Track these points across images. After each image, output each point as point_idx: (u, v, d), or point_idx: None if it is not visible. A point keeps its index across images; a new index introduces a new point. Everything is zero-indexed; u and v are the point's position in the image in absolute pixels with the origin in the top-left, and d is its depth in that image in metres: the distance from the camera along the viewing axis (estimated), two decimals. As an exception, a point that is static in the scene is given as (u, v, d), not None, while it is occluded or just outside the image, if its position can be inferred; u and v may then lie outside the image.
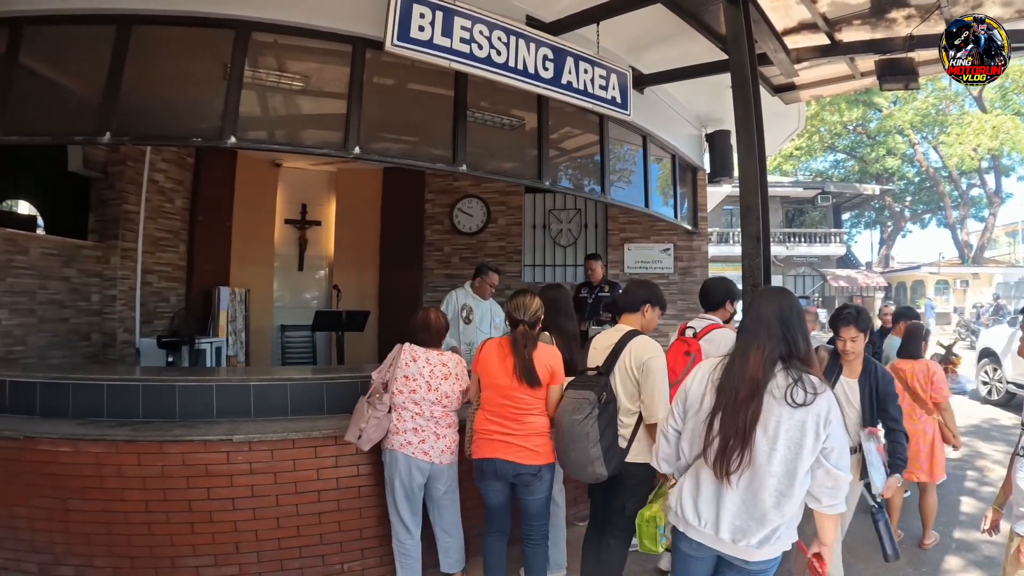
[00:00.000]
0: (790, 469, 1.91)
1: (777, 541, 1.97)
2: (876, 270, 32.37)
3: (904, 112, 28.36)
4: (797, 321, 2.03)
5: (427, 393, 3.25)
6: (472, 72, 3.72)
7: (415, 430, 3.24)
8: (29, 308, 4.87)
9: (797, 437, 1.91)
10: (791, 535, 2.01)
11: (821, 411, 1.92)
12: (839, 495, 1.96)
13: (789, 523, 1.98)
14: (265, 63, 3.86)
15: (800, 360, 1.99)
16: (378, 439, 3.28)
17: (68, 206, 5.71)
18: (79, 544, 3.22)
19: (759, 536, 1.94)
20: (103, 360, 5.53)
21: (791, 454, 1.91)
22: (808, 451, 1.91)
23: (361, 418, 3.25)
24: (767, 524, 1.94)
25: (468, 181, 7.92)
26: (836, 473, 1.93)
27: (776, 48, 4.88)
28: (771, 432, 1.93)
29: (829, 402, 1.94)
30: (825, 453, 1.93)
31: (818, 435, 1.92)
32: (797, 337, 2.00)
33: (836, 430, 1.94)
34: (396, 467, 3.24)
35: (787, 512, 1.94)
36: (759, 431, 1.93)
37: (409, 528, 3.33)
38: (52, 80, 3.74)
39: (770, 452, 1.92)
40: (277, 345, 7.86)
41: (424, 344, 3.38)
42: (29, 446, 3.23)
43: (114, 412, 3.58)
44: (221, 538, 3.29)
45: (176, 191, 6.42)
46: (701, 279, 7.50)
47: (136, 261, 5.82)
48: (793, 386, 1.93)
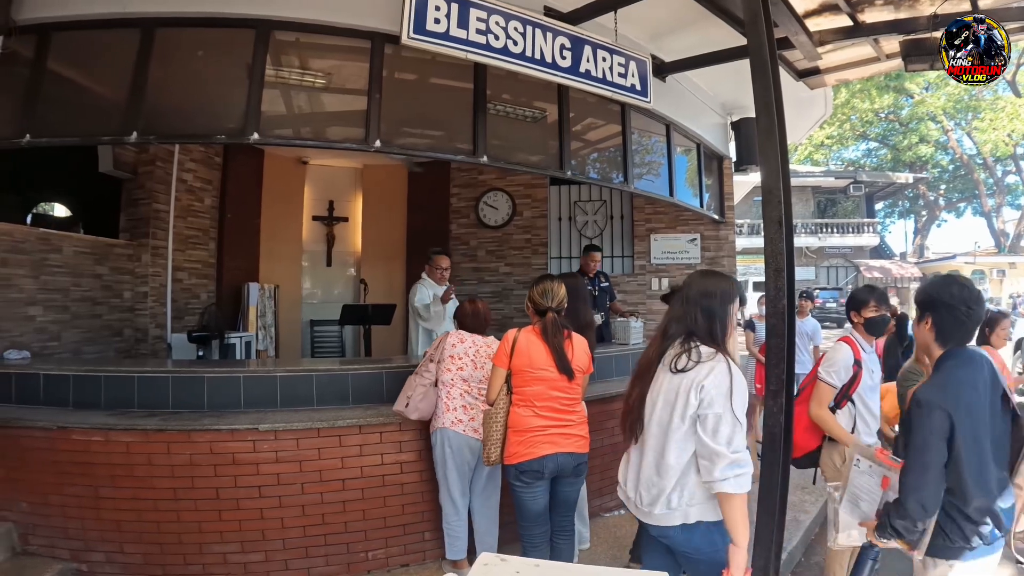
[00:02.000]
0: (663, 431, 2.02)
1: (670, 509, 2.01)
2: (910, 260, 31.52)
3: (936, 98, 27.48)
4: (705, 301, 2.09)
5: (474, 371, 3.42)
6: (489, 63, 3.71)
7: (464, 407, 3.39)
8: (63, 305, 5.02)
9: (671, 400, 2.01)
10: (690, 508, 2.00)
11: (699, 376, 1.97)
12: (716, 471, 1.90)
13: (680, 491, 2.00)
14: (286, 60, 3.91)
15: (701, 337, 2.06)
16: (426, 411, 3.42)
17: (100, 206, 5.86)
18: (110, 531, 3.32)
19: (648, 498, 2.05)
20: (135, 355, 5.68)
21: (665, 416, 2.02)
22: (678, 414, 1.98)
23: (409, 387, 3.45)
24: (652, 487, 2.03)
25: (493, 174, 7.93)
26: (710, 444, 1.91)
27: (797, 31, 4.77)
28: (654, 397, 2.08)
29: (711, 369, 1.97)
30: (701, 420, 1.94)
31: (689, 399, 1.96)
32: (697, 315, 2.07)
33: (713, 397, 1.93)
34: (448, 445, 3.37)
35: (666, 476, 2.00)
36: (648, 400, 2.10)
37: (458, 508, 3.46)
38: (79, 83, 3.84)
39: (650, 416, 2.07)
40: (307, 339, 7.99)
41: (472, 330, 3.55)
42: (62, 436, 3.34)
43: (144, 403, 3.69)
44: (247, 525, 3.37)
45: (205, 190, 6.55)
46: (729, 269, 7.44)
47: (167, 259, 5.96)
48: (679, 355, 2.04)
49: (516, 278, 7.79)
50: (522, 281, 7.73)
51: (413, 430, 3.66)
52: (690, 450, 1.98)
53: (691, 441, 1.97)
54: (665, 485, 2.00)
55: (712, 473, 1.91)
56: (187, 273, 6.31)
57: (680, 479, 1.99)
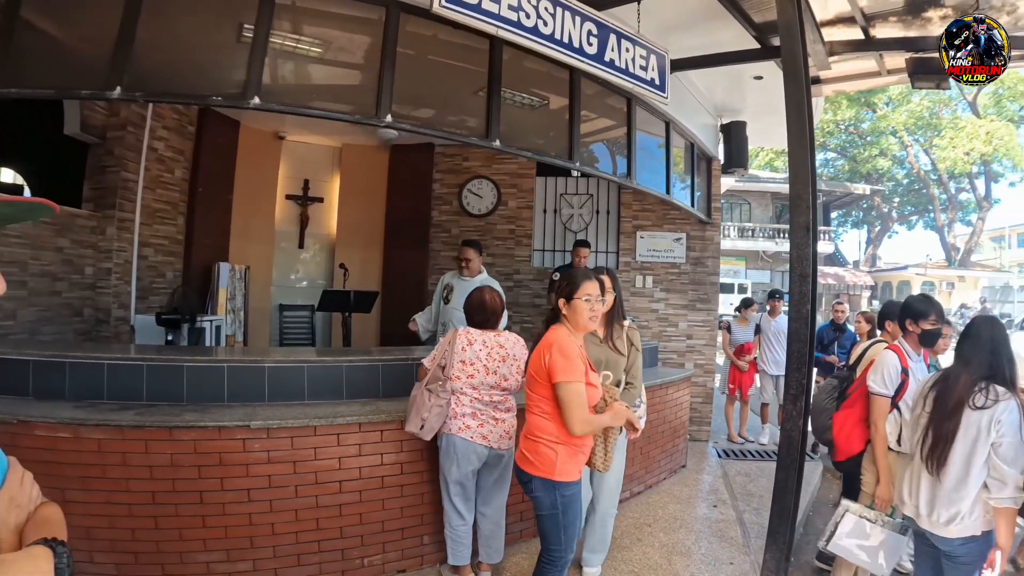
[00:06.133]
0: (965, 460, 2.35)
1: (962, 524, 2.36)
2: (863, 269, 32.61)
3: (898, 114, 28.50)
4: (1004, 347, 2.44)
5: (485, 377, 3.16)
6: (518, 41, 3.48)
7: (473, 414, 3.16)
8: (20, 280, 4.56)
9: (973, 434, 2.34)
10: (975, 522, 2.36)
11: (996, 412, 2.31)
12: (1005, 490, 2.26)
13: (972, 509, 2.36)
14: (294, 23, 3.57)
15: (1000, 380, 2.38)
16: (438, 426, 3.16)
17: (62, 172, 5.36)
18: (78, 539, 2.93)
19: (946, 516, 2.39)
20: (96, 337, 5.23)
21: (967, 447, 2.35)
22: (981, 445, 2.32)
23: (423, 407, 3.12)
24: (951, 506, 2.38)
25: (479, 161, 7.68)
26: (1004, 469, 2.26)
27: (815, 39, 4.74)
28: (960, 432, 2.39)
29: (1007, 407, 2.31)
30: (994, 447, 2.30)
31: (990, 432, 2.31)
32: (1003, 362, 2.41)
33: (1007, 429, 2.28)
34: (454, 452, 3.15)
35: (967, 498, 2.35)
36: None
37: (462, 514, 3.27)
38: (56, 32, 3.40)
39: (956, 447, 2.38)
40: (275, 325, 7.58)
41: (480, 327, 3.27)
42: (24, 431, 2.95)
43: (115, 394, 3.33)
44: (235, 532, 3.08)
45: (176, 160, 6.08)
46: (713, 269, 7.42)
47: (133, 233, 5.50)
48: (978, 393, 2.37)
49: (498, 269, 7.54)
50: (504, 272, 7.52)
51: (415, 430, 3.44)
52: (984, 475, 2.33)
53: (986, 468, 2.32)
54: (963, 505, 2.36)
55: (1003, 492, 2.27)
56: (153, 249, 5.85)
57: (975, 500, 2.36)
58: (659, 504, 4.75)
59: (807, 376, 3.49)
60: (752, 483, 5.39)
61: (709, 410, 7.13)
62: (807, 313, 3.48)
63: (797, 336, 3.51)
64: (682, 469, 5.68)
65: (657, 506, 4.71)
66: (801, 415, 3.45)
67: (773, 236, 28.77)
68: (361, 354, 4.09)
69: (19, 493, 1.32)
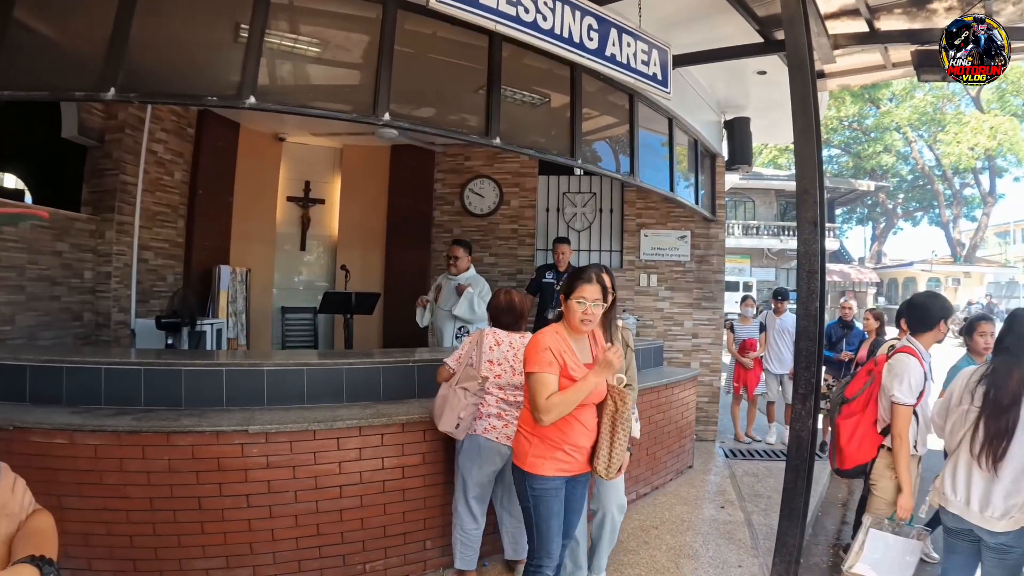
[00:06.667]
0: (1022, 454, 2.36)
1: (1013, 518, 2.37)
2: (868, 266, 32.45)
3: (902, 110, 28.36)
4: None
5: (511, 377, 3.15)
6: (516, 36, 3.41)
7: (499, 415, 3.16)
8: (18, 285, 4.52)
9: None
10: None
11: None
12: None
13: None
14: (290, 21, 3.52)
15: None
16: (470, 425, 3.17)
17: (61, 176, 5.33)
18: (76, 545, 2.90)
19: (1001, 511, 2.39)
20: (96, 342, 5.19)
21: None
22: None
23: (458, 406, 3.10)
24: (1008, 500, 2.37)
25: (480, 160, 7.64)
26: None
27: (820, 32, 4.67)
28: (1019, 426, 2.37)
29: None
30: None
31: None
32: None
33: None
34: (478, 452, 3.14)
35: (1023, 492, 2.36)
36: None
37: (476, 516, 3.26)
38: (51, 32, 3.36)
39: (1015, 441, 2.37)
40: (277, 328, 7.54)
41: (508, 328, 3.27)
42: (19, 437, 2.90)
43: (113, 399, 3.28)
44: (234, 538, 3.03)
45: (175, 163, 6.04)
46: (718, 267, 7.34)
47: (132, 236, 5.46)
48: None
49: (501, 269, 7.51)
50: (507, 272, 7.48)
51: (416, 431, 3.40)
52: None
53: None
54: (1020, 499, 2.36)
55: None
56: (153, 253, 5.81)
57: None
58: (666, 506, 4.69)
59: (816, 375, 3.43)
60: (760, 483, 5.32)
61: (716, 409, 7.07)
62: (815, 310, 3.41)
63: (806, 334, 3.44)
64: (689, 470, 5.62)
65: (664, 508, 4.65)
66: (810, 414, 3.38)
67: (778, 234, 28.64)
68: (361, 356, 4.04)
69: (10, 501, 1.29)
